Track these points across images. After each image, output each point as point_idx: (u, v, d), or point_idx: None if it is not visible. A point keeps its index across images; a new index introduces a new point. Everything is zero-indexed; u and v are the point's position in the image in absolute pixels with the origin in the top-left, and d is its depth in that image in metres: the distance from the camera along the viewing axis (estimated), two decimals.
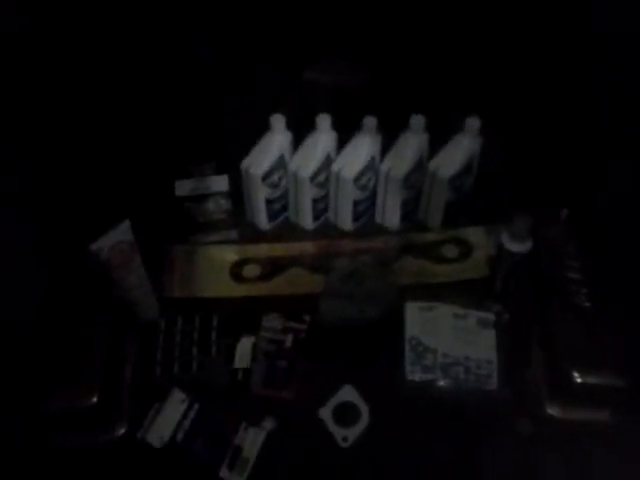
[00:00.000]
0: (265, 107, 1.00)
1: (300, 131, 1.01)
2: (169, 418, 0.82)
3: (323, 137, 1.00)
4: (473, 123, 0.99)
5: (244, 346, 0.90)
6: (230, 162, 1.01)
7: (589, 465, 0.81)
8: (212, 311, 0.94)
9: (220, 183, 1.00)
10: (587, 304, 0.91)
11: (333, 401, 0.86)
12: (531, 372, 0.90)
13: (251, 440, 0.81)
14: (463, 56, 1.06)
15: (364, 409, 0.85)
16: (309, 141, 1.01)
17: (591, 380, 0.83)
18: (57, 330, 0.87)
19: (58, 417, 0.82)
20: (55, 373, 0.83)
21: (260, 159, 1.00)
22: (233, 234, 1.06)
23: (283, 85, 1.06)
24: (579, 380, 0.83)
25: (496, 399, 0.87)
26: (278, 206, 1.07)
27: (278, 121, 0.99)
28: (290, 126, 1.00)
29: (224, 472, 0.79)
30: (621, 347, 0.85)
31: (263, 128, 1.00)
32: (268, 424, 0.83)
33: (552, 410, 0.86)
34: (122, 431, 0.84)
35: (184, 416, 0.83)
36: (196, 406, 0.84)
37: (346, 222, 1.07)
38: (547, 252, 0.97)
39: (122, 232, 0.84)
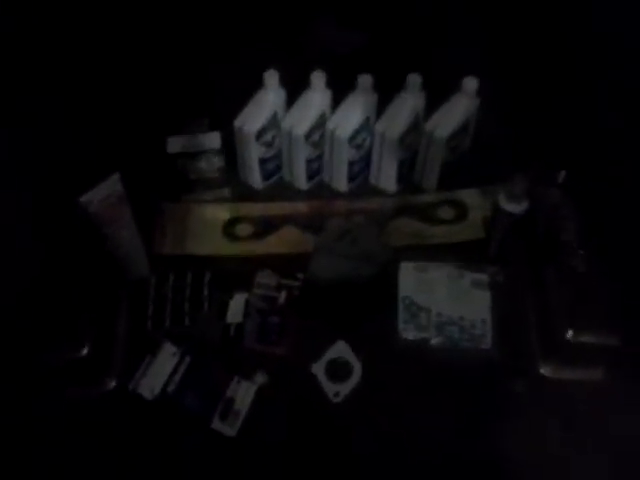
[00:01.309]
0: (259, 63, 0.98)
1: (294, 89, 0.99)
2: (160, 370, 0.82)
3: (317, 95, 0.98)
4: (470, 83, 0.97)
5: (237, 302, 0.89)
6: (223, 119, 0.99)
7: (582, 425, 0.82)
8: (204, 269, 0.93)
9: (213, 140, 0.98)
10: (582, 265, 0.90)
11: (326, 357, 0.86)
12: (525, 332, 0.90)
13: (243, 393, 0.81)
14: (461, 15, 1.04)
15: (356, 365, 0.85)
16: (303, 99, 1.00)
17: (584, 338, 0.83)
18: (48, 284, 0.86)
19: (50, 370, 0.81)
20: (47, 327, 0.82)
21: (253, 116, 0.99)
22: (226, 192, 1.05)
23: (277, 42, 1.04)
24: (572, 339, 0.83)
25: (490, 358, 0.87)
26: (272, 166, 1.05)
27: (271, 77, 0.97)
28: (284, 83, 0.98)
29: (216, 423, 0.79)
30: (614, 307, 0.85)
31: (257, 85, 0.98)
32: (260, 378, 0.83)
33: (545, 370, 0.86)
34: (114, 383, 0.83)
35: (175, 369, 0.82)
36: (187, 359, 0.83)
37: (341, 183, 1.06)
38: (543, 214, 0.96)
39: (112, 184, 0.83)
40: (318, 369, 0.84)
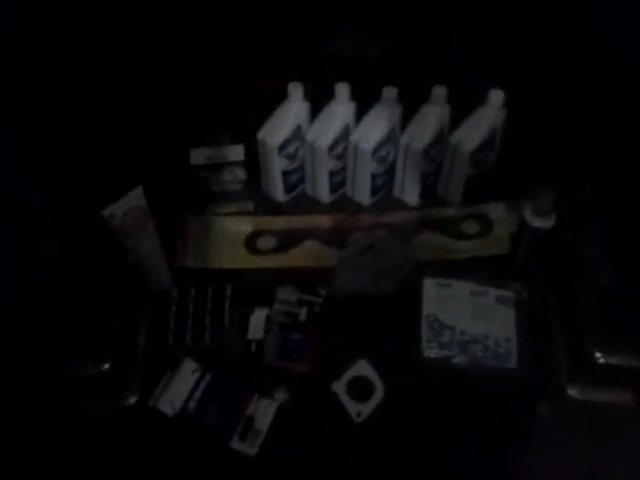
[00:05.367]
0: (283, 75, 0.97)
1: (318, 100, 0.99)
2: (181, 387, 0.82)
3: (341, 107, 0.98)
4: (497, 96, 0.95)
5: (258, 318, 0.88)
6: (247, 131, 0.99)
7: (610, 449, 0.79)
8: (226, 282, 0.92)
9: (236, 152, 0.98)
10: (611, 283, 0.88)
11: (347, 375, 0.84)
12: (552, 351, 0.88)
13: (263, 411, 0.80)
14: (487, 26, 1.02)
15: (379, 384, 0.84)
16: (327, 111, 0.99)
17: (614, 361, 0.80)
18: (70, 297, 0.86)
19: (70, 384, 0.81)
20: (68, 340, 0.82)
21: (276, 129, 0.98)
22: (248, 205, 1.04)
23: (302, 53, 1.03)
24: (602, 360, 0.80)
25: (515, 378, 0.85)
26: (295, 178, 1.04)
27: (296, 89, 0.96)
28: (308, 95, 0.98)
29: (235, 443, 0.78)
30: None
31: (281, 96, 0.97)
32: (281, 396, 0.82)
33: (573, 391, 0.84)
34: (134, 399, 0.83)
35: (196, 386, 0.82)
36: (208, 376, 0.83)
37: (364, 196, 1.05)
38: (570, 229, 0.94)
39: (135, 198, 0.83)
40: (339, 387, 0.83)
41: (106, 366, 0.79)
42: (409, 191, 1.04)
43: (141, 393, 0.83)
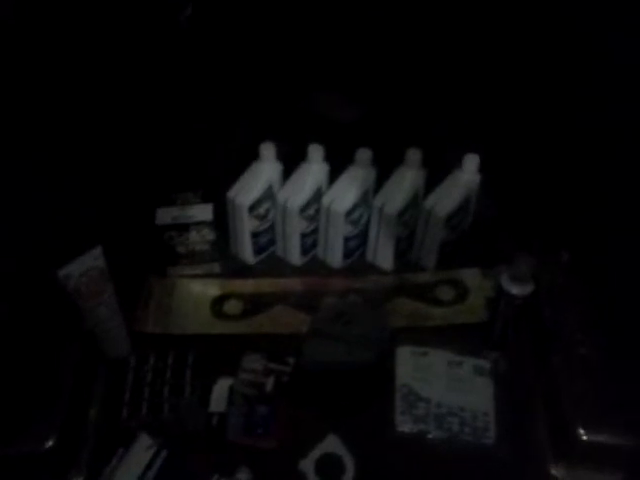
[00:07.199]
0: (255, 135, 0.95)
1: (290, 161, 0.97)
2: (133, 467, 0.74)
3: (314, 168, 0.96)
4: (471, 160, 0.95)
5: (221, 388, 0.83)
6: (215, 190, 0.96)
7: None
8: (188, 348, 0.87)
9: (204, 212, 0.95)
10: (593, 354, 0.85)
11: (316, 452, 0.78)
12: (532, 427, 0.83)
13: None
14: (463, 91, 1.02)
15: (349, 462, 0.78)
16: (299, 172, 0.97)
17: (599, 438, 0.76)
18: (17, 364, 0.79)
19: (7, 463, 0.73)
20: (10, 412, 0.75)
21: (247, 189, 0.96)
22: (215, 267, 1.00)
23: (275, 113, 1.01)
24: (585, 438, 0.76)
25: (493, 455, 0.80)
26: (265, 240, 1.01)
27: (268, 150, 0.95)
28: (280, 156, 0.96)
29: None
30: (631, 402, 0.78)
31: (252, 156, 0.95)
32: (243, 476, 0.75)
33: (556, 471, 0.79)
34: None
35: (150, 465, 0.75)
36: (164, 453, 0.76)
37: (336, 259, 1.01)
38: (548, 297, 0.91)
39: (93, 258, 0.79)
40: (307, 466, 0.77)
41: (50, 444, 0.72)
42: (382, 255, 1.01)
43: (89, 473, 0.76)
